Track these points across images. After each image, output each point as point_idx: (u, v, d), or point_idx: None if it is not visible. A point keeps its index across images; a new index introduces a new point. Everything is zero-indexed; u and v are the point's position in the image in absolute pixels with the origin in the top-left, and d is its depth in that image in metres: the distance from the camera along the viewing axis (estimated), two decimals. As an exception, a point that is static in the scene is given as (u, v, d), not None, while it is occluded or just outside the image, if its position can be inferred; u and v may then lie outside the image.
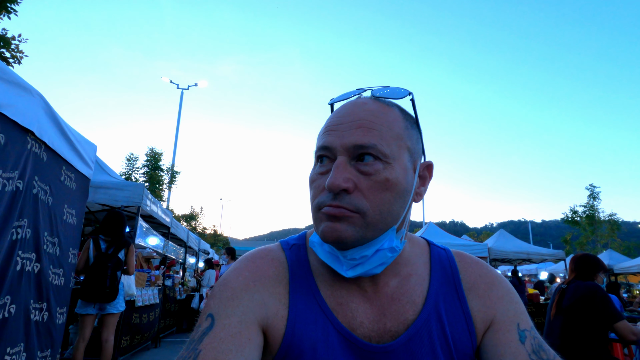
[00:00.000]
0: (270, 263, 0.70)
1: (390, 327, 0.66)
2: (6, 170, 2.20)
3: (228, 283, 0.66)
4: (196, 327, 0.64)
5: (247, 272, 0.68)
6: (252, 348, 0.61)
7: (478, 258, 0.78)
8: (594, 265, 2.87)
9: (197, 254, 12.34)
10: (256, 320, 0.63)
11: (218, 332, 0.60)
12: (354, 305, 0.67)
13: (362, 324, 0.66)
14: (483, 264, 0.76)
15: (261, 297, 0.65)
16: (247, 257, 0.71)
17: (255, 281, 0.66)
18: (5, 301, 2.28)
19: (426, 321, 0.67)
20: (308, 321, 0.65)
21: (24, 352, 2.49)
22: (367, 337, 0.65)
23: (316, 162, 0.66)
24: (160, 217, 6.49)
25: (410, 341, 0.65)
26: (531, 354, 0.65)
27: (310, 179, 0.66)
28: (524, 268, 19.52)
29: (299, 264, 0.70)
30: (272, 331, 0.64)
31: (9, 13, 7.52)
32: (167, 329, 7.78)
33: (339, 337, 0.64)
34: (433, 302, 0.69)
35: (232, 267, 0.71)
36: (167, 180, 16.54)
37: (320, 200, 0.62)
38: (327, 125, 0.66)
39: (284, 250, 0.73)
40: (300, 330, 0.64)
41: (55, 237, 2.89)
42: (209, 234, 31.22)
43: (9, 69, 2.24)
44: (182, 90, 18.36)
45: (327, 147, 0.63)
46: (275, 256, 0.71)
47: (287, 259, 0.71)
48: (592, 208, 21.32)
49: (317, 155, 0.65)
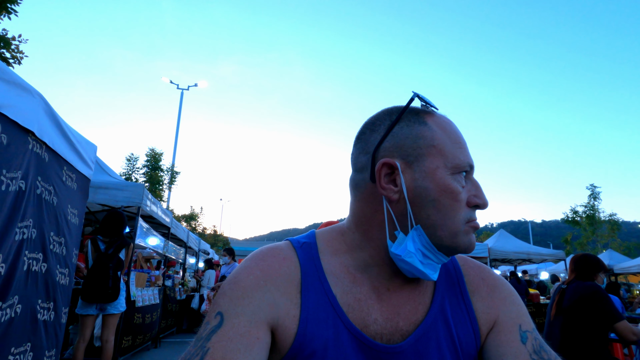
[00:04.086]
0: (282, 262, 0.69)
1: (402, 326, 0.67)
2: (10, 171, 2.20)
3: (239, 281, 0.66)
4: (204, 324, 0.63)
5: (258, 270, 0.67)
6: (261, 348, 0.61)
7: (480, 262, 0.80)
8: (594, 266, 2.87)
9: (197, 254, 12.33)
10: (266, 320, 0.63)
11: (227, 331, 0.60)
12: (370, 302, 0.68)
13: (376, 321, 0.67)
14: (485, 267, 0.79)
15: (272, 297, 0.65)
16: (258, 256, 0.71)
17: (267, 280, 0.66)
18: (14, 301, 2.29)
19: (433, 322, 0.68)
20: (319, 320, 0.65)
21: (30, 352, 2.49)
22: (379, 335, 0.66)
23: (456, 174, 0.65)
24: (160, 218, 6.49)
25: (418, 342, 0.66)
26: (532, 354, 0.66)
27: (454, 190, 0.64)
28: (524, 268, 19.50)
29: (310, 263, 0.70)
30: (283, 331, 0.64)
31: (9, 13, 7.52)
32: (168, 329, 7.76)
33: (349, 337, 0.65)
34: (439, 304, 0.70)
35: (242, 265, 0.70)
36: (167, 181, 16.53)
37: (468, 216, 0.66)
38: (459, 140, 0.68)
39: (295, 249, 0.72)
40: (312, 329, 0.64)
41: (62, 237, 2.90)
42: (209, 234, 31.20)
43: (9, 69, 2.24)
44: (182, 90, 18.36)
45: (473, 167, 0.69)
46: (286, 255, 0.71)
47: (299, 258, 0.70)
48: (592, 208, 21.31)
49: (464, 169, 0.66)
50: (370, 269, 0.69)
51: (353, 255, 0.70)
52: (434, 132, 0.66)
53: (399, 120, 0.68)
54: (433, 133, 0.66)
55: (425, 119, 0.68)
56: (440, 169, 0.64)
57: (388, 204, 0.66)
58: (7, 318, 2.24)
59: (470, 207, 0.66)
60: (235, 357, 0.57)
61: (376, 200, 0.67)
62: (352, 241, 0.71)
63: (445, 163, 0.65)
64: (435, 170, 0.64)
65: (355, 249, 0.70)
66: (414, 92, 0.68)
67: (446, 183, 0.64)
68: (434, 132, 0.66)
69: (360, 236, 0.70)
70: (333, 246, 0.72)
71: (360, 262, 0.70)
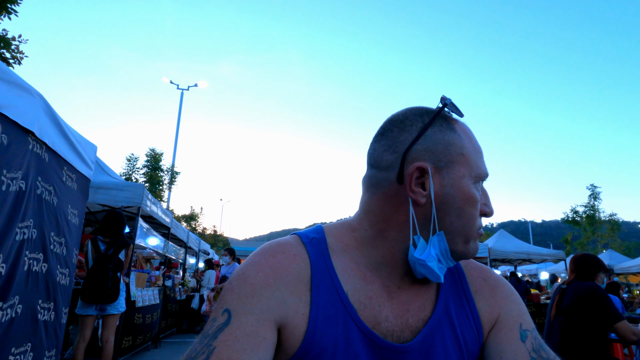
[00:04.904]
0: (292, 259, 0.68)
1: (411, 323, 0.68)
2: (10, 171, 2.21)
3: (247, 278, 0.65)
4: (211, 320, 0.63)
5: (267, 268, 0.66)
6: (267, 347, 0.61)
7: (480, 262, 0.82)
8: (594, 266, 2.87)
9: (197, 254, 12.34)
10: (273, 319, 0.63)
11: (234, 330, 0.60)
12: (381, 300, 0.68)
13: (387, 319, 0.67)
14: (486, 268, 0.80)
15: (281, 296, 0.64)
16: (267, 251, 0.69)
17: (276, 278, 0.65)
18: (14, 301, 2.29)
19: (439, 321, 0.69)
20: (330, 318, 0.64)
21: (30, 352, 2.49)
22: (390, 332, 0.66)
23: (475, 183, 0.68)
24: (161, 218, 6.50)
25: (425, 340, 0.67)
26: (531, 352, 0.67)
27: (473, 198, 0.67)
28: (524, 268, 19.51)
29: (320, 259, 0.69)
30: (292, 329, 0.63)
31: (9, 14, 7.52)
32: (168, 329, 7.77)
33: (360, 335, 0.65)
34: (444, 303, 0.72)
35: (251, 260, 0.68)
36: (167, 181, 16.53)
37: (480, 224, 0.69)
38: (480, 150, 0.70)
39: (305, 245, 0.70)
40: (321, 328, 0.63)
41: (62, 237, 2.90)
42: (209, 234, 31.20)
43: (9, 69, 2.24)
44: (182, 90, 18.37)
45: (488, 175, 0.71)
46: (297, 251, 0.69)
47: (309, 254, 0.69)
48: (592, 208, 21.31)
49: (483, 179, 0.69)
50: (381, 267, 0.69)
51: (364, 252, 0.70)
52: (463, 140, 0.68)
53: (431, 124, 0.68)
54: (462, 141, 0.67)
55: (454, 126, 0.69)
56: (466, 177, 0.66)
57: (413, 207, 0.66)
58: (7, 318, 2.24)
59: (480, 215, 0.68)
60: (242, 357, 0.57)
61: (399, 201, 0.67)
62: (363, 238, 0.70)
63: (471, 172, 0.67)
64: (462, 178, 0.66)
65: (367, 246, 0.70)
66: (445, 97, 0.68)
67: (470, 192, 0.66)
68: (463, 140, 0.68)
69: (375, 234, 0.69)
70: (343, 242, 0.71)
71: (372, 260, 0.69)
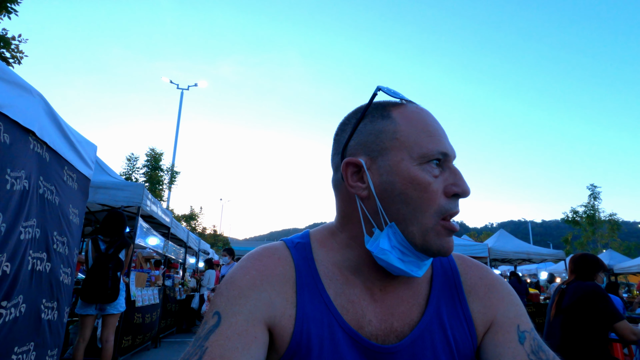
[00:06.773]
0: (277, 262, 0.70)
1: (396, 327, 0.67)
2: (14, 170, 2.21)
3: (235, 281, 0.66)
4: (202, 325, 0.64)
5: (254, 270, 0.68)
6: (258, 346, 0.61)
7: (479, 261, 0.79)
8: (594, 265, 2.87)
9: (197, 254, 12.34)
10: (263, 319, 0.64)
11: (225, 330, 0.61)
12: (364, 303, 0.68)
13: (370, 322, 0.67)
14: (483, 267, 0.78)
15: (268, 296, 0.65)
16: (253, 256, 0.71)
17: (263, 280, 0.66)
18: (19, 300, 2.30)
19: (429, 324, 0.68)
20: (315, 320, 0.65)
21: (33, 351, 2.50)
22: (373, 335, 0.66)
23: (424, 164, 0.63)
24: (160, 217, 6.50)
25: (413, 343, 0.66)
26: (530, 354, 0.66)
27: (421, 181, 0.62)
28: (524, 268, 19.51)
29: (304, 263, 0.70)
30: (279, 330, 0.65)
31: (9, 13, 7.52)
32: (167, 329, 7.76)
33: (345, 337, 0.65)
34: (435, 305, 0.70)
35: (238, 265, 0.70)
36: (167, 181, 16.53)
37: (446, 207, 0.62)
38: (428, 128, 0.65)
39: (289, 249, 0.72)
40: (308, 329, 0.64)
41: (64, 236, 2.90)
42: (208, 234, 31.21)
43: (9, 69, 2.24)
44: (182, 90, 18.37)
45: (447, 154, 0.64)
46: (281, 255, 0.71)
47: (293, 258, 0.71)
48: (592, 208, 21.31)
49: (434, 158, 0.63)
50: (361, 269, 0.69)
51: (344, 255, 0.71)
52: (397, 125, 0.65)
53: (363, 117, 0.68)
54: (396, 126, 0.65)
55: (390, 112, 0.67)
56: (405, 160, 0.63)
57: (361, 202, 0.66)
58: (12, 317, 2.25)
59: (449, 197, 0.63)
60: (234, 356, 0.58)
61: (351, 198, 0.68)
62: (341, 241, 0.71)
63: (410, 154, 0.63)
64: (399, 162, 0.63)
65: (345, 248, 0.71)
66: (378, 86, 0.67)
67: (412, 174, 0.62)
68: (397, 124, 0.65)
69: (347, 236, 0.70)
70: (326, 246, 0.73)
71: (352, 262, 0.70)
